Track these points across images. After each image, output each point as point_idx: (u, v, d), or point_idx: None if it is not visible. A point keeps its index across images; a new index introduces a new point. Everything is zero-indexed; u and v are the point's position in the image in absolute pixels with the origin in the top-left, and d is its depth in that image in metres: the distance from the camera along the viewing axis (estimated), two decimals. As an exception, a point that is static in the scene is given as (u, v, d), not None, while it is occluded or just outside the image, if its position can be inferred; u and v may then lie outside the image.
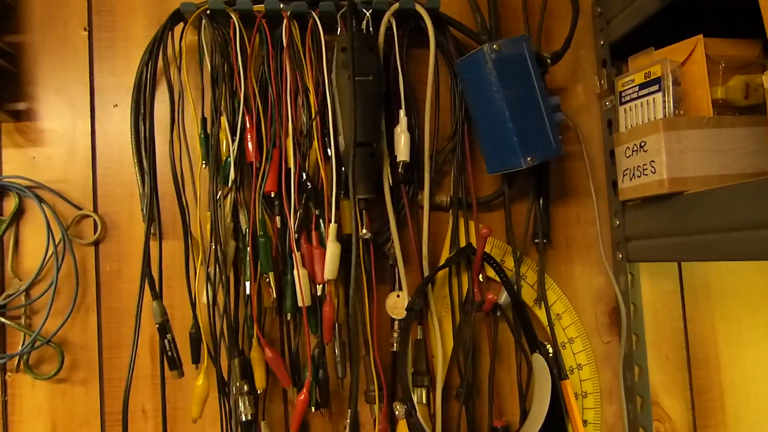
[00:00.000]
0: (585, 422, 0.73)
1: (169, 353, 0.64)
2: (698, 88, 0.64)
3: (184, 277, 0.64)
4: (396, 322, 0.69)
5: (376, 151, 0.63)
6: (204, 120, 0.67)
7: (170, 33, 0.67)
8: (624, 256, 0.74)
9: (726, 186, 0.56)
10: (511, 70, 0.65)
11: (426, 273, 0.69)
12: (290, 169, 0.66)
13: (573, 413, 0.67)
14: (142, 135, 0.66)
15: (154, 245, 0.65)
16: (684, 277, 0.77)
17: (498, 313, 0.71)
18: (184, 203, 0.65)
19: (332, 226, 0.64)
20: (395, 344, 0.68)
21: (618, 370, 0.75)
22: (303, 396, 0.64)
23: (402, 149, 0.66)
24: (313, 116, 0.66)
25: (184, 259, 0.64)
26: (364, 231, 0.65)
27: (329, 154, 0.66)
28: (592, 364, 0.74)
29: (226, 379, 0.64)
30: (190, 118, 0.67)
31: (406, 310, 0.67)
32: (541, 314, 0.73)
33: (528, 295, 0.73)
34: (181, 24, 0.68)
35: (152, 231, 0.66)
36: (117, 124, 0.72)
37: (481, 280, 0.71)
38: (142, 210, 0.67)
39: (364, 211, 0.65)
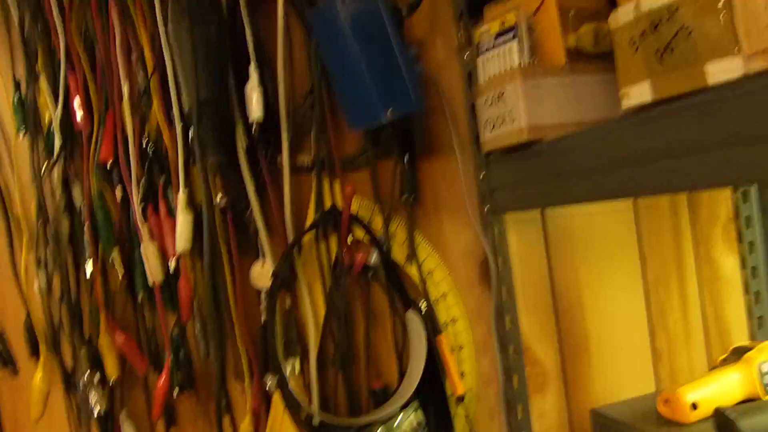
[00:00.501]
0: (462, 374, 0.73)
1: None
2: (551, 36, 0.65)
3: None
4: (263, 293, 0.66)
5: (225, 110, 0.58)
6: (17, 84, 0.58)
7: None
8: (490, 208, 0.74)
9: (580, 131, 0.57)
10: (364, 22, 0.62)
11: (290, 237, 0.65)
12: (129, 134, 0.59)
13: (449, 367, 0.67)
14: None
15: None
16: (547, 227, 0.79)
17: (370, 275, 0.69)
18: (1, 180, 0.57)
19: (181, 194, 0.59)
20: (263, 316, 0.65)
21: (490, 321, 0.75)
22: (162, 379, 0.59)
23: (254, 107, 0.62)
24: (149, 74, 0.59)
25: (7, 243, 0.56)
26: (219, 197, 0.60)
27: (173, 116, 0.60)
28: (465, 318, 0.74)
29: (70, 371, 0.57)
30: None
31: (271, 277, 0.63)
32: (413, 272, 0.71)
33: (399, 253, 0.72)
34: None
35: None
36: None
37: (350, 242, 0.69)
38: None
39: (217, 176, 0.60)
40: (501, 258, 0.76)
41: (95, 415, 0.58)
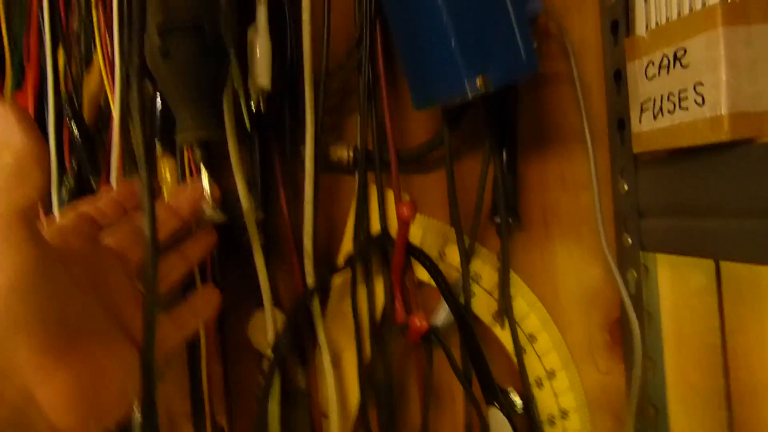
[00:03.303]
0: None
1: None
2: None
3: None
4: (263, 361, 0.43)
5: (213, 41, 0.35)
6: None
7: None
8: (635, 239, 0.47)
9: None
10: None
11: (310, 278, 0.42)
12: (59, 101, 0.37)
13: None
14: None
15: None
16: (722, 273, 0.51)
17: (434, 340, 0.44)
18: None
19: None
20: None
21: (625, 415, 0.49)
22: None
23: (258, 67, 0.38)
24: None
25: None
26: (208, 210, 0.38)
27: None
28: (584, 410, 0.49)
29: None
30: None
31: (272, 348, 0.40)
32: (504, 336, 0.47)
33: (484, 306, 0.47)
34: None
35: None
36: None
37: (406, 287, 0.45)
38: None
39: (203, 166, 0.37)
40: (647, 315, 0.49)
41: None
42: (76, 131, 0.36)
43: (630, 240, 0.49)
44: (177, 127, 0.35)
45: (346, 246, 0.45)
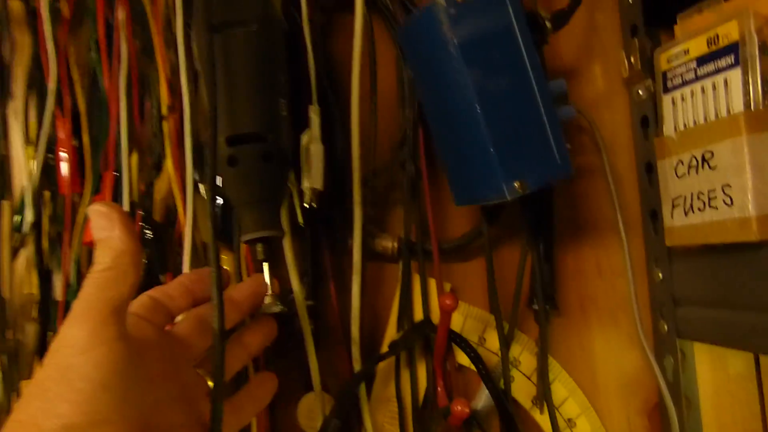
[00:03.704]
0: None
1: None
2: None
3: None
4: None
5: (275, 151, 0.38)
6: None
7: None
8: (672, 327, 0.49)
9: None
10: (484, 37, 0.40)
11: (357, 363, 0.44)
12: (133, 203, 0.41)
13: None
14: None
15: None
16: (762, 357, 0.51)
17: (475, 425, 0.46)
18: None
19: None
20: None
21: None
22: None
23: (313, 170, 0.42)
24: (168, 104, 0.41)
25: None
26: (268, 300, 0.41)
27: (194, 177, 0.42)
28: (625, 497, 0.49)
29: None
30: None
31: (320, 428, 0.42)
32: (544, 421, 0.48)
33: (523, 390, 0.49)
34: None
35: None
36: None
37: (447, 373, 0.47)
38: None
39: (265, 264, 0.41)
40: (685, 401, 0.50)
41: None
42: (148, 231, 0.40)
43: (666, 327, 0.50)
44: (241, 226, 0.38)
45: (391, 332, 0.48)
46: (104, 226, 0.30)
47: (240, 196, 0.38)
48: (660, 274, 0.49)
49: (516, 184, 0.39)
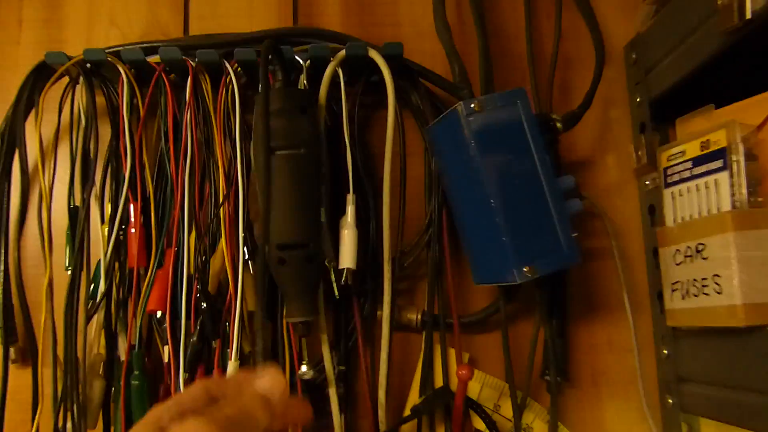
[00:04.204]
0: None
1: None
2: (784, 165, 0.44)
3: None
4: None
5: (315, 254, 0.45)
6: (74, 210, 0.50)
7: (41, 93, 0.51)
8: (676, 402, 0.52)
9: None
10: (499, 138, 0.46)
11: (382, 425, 0.49)
12: (190, 276, 0.48)
13: None
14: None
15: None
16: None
17: (490, 489, 0.50)
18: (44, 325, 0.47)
19: (232, 364, 0.45)
20: None
21: None
22: None
23: (346, 253, 0.48)
24: (220, 202, 0.48)
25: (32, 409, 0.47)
26: (304, 368, 0.47)
27: (244, 256, 0.48)
28: None
29: None
30: (58, 207, 0.50)
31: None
32: (555, 487, 0.51)
33: (536, 457, 0.52)
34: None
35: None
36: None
37: (466, 436, 0.51)
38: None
39: (303, 340, 0.48)
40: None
41: None
42: (203, 301, 0.46)
43: (671, 402, 0.53)
44: (286, 310, 0.47)
45: (413, 397, 0.52)
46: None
47: (286, 289, 0.46)
48: (665, 351, 0.53)
49: (526, 269, 0.45)
